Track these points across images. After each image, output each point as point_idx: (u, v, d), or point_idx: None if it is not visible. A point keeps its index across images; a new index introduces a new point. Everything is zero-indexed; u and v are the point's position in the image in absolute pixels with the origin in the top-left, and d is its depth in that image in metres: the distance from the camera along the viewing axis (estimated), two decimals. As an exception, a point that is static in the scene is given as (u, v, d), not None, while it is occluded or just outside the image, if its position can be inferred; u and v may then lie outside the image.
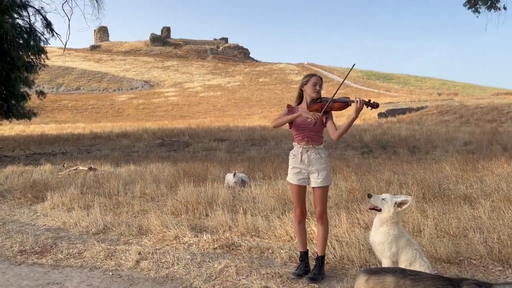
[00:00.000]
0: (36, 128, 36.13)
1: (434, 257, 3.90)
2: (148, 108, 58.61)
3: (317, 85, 3.66)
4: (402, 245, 3.31)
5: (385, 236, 3.31)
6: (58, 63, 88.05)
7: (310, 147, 3.64)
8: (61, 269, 4.01)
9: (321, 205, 3.64)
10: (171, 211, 5.82)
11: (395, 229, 3.33)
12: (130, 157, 17.17)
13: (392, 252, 3.29)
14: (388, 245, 3.30)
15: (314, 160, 3.62)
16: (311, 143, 3.64)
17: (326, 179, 3.61)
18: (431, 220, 4.70)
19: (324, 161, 3.63)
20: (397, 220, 3.33)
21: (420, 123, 28.02)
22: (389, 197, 3.32)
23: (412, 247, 3.31)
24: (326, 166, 3.63)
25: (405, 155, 14.93)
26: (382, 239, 3.32)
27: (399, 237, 3.32)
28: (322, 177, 3.60)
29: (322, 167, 3.61)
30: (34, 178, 8.88)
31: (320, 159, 3.62)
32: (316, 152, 3.63)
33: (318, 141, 3.65)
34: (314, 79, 3.69)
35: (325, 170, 3.61)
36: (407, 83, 77.06)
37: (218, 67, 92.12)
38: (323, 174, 3.60)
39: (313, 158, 3.63)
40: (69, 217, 5.58)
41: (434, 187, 6.56)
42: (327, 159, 3.66)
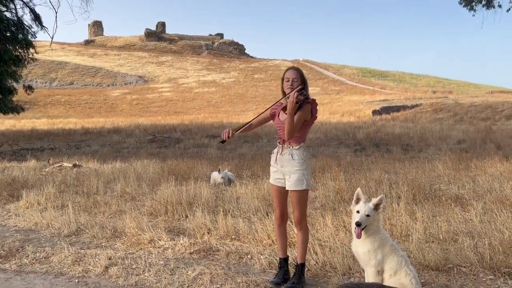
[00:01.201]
0: (27, 123, 35.65)
1: (421, 264, 3.68)
2: (142, 103, 58.14)
3: (290, 80, 3.34)
4: (387, 251, 3.08)
5: (371, 243, 3.08)
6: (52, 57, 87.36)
7: (285, 147, 3.39)
8: (25, 275, 3.74)
9: (298, 210, 3.38)
10: (149, 212, 5.56)
11: (379, 233, 3.11)
12: (119, 153, 16.87)
13: (378, 259, 3.06)
14: (373, 253, 3.06)
15: (286, 161, 3.37)
16: (286, 143, 3.39)
17: (298, 183, 3.33)
18: (420, 224, 4.47)
19: (297, 164, 3.33)
20: (378, 221, 3.12)
21: (414, 120, 27.87)
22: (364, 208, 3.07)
23: (397, 253, 3.08)
24: (299, 170, 3.33)
25: (398, 153, 14.74)
26: (368, 246, 3.07)
27: (384, 242, 3.09)
28: (293, 180, 3.33)
29: (294, 169, 3.34)
30: (14, 175, 8.58)
31: (292, 161, 3.34)
32: (289, 153, 3.36)
33: (294, 142, 3.36)
34: (287, 74, 3.38)
35: (296, 173, 3.33)
36: (402, 80, 77.02)
37: (213, 63, 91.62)
38: (294, 177, 3.33)
39: (285, 159, 3.38)
40: (41, 218, 5.30)
41: (425, 188, 6.33)
42: (302, 162, 3.34)
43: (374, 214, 3.06)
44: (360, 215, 3.05)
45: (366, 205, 3.08)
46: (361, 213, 3.06)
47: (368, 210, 3.06)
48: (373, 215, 3.06)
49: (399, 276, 3.02)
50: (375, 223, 3.08)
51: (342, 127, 24.14)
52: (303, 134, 3.40)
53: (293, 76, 3.35)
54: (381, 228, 3.16)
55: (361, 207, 3.10)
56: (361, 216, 3.04)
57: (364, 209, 3.06)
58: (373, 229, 3.08)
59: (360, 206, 3.11)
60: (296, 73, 3.38)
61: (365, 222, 3.04)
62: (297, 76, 3.35)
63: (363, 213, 3.05)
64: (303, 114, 3.28)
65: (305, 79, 3.40)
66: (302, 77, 3.37)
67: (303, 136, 3.41)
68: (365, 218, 3.03)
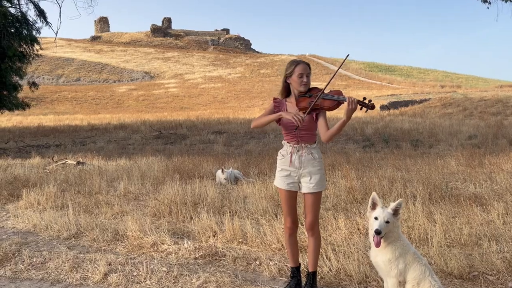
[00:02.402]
0: (34, 119, 35.63)
1: (444, 272, 3.41)
2: (148, 99, 58.04)
3: (303, 76, 3.03)
4: (409, 260, 2.82)
5: (391, 251, 2.81)
6: (59, 54, 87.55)
7: (302, 146, 3.10)
8: (19, 282, 3.52)
9: (312, 214, 3.12)
10: (152, 213, 5.32)
11: (400, 240, 2.85)
12: (124, 150, 16.70)
13: (400, 269, 2.79)
14: (395, 262, 2.79)
15: (306, 161, 3.08)
16: (303, 143, 3.11)
17: (320, 184, 3.08)
18: (439, 226, 4.19)
19: (318, 163, 3.09)
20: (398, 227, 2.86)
21: (423, 115, 27.42)
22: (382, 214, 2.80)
23: (420, 262, 2.81)
24: (320, 169, 3.09)
25: (408, 149, 14.42)
26: (389, 255, 2.81)
27: (406, 249, 2.83)
28: (315, 182, 3.06)
29: (316, 169, 3.07)
30: (16, 174, 8.39)
31: (313, 160, 3.08)
32: (309, 152, 3.08)
33: (311, 140, 3.10)
34: (299, 69, 3.03)
35: (318, 173, 3.07)
36: (410, 75, 76.23)
37: (219, 59, 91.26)
38: (316, 177, 3.06)
39: (305, 160, 3.08)
40: (41, 219, 5.08)
41: (440, 186, 6.04)
42: (321, 161, 3.12)
43: (394, 220, 2.81)
44: (379, 222, 2.79)
45: (384, 211, 2.82)
46: (380, 220, 2.79)
47: (387, 216, 2.79)
48: (392, 221, 2.80)
49: (422, 287, 2.76)
50: (395, 229, 2.82)
51: (350, 122, 23.63)
52: (316, 131, 3.14)
53: (307, 71, 3.07)
54: (401, 235, 2.90)
55: (379, 213, 2.83)
56: (380, 223, 2.78)
57: (383, 215, 2.80)
58: (393, 236, 2.82)
59: (378, 212, 2.84)
60: (308, 67, 3.10)
61: (385, 230, 2.78)
62: (309, 71, 3.08)
63: (382, 219, 2.79)
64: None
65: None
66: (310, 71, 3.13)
67: (316, 134, 3.15)
68: (385, 225, 2.77)
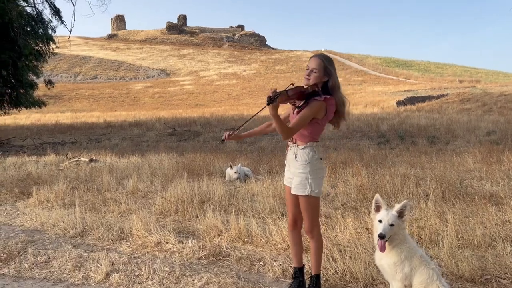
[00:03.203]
0: (52, 117, 36.05)
1: (454, 275, 3.27)
2: (164, 96, 58.36)
3: (308, 69, 2.93)
4: (416, 263, 2.70)
5: (397, 254, 2.70)
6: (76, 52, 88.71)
7: (292, 145, 3.02)
8: (22, 281, 3.51)
9: (307, 217, 2.99)
10: (159, 211, 5.29)
11: (406, 242, 2.73)
12: (138, 147, 16.79)
13: (405, 273, 2.68)
14: (400, 265, 2.68)
15: (291, 161, 3.01)
16: (293, 141, 3.01)
17: (300, 188, 2.92)
18: (451, 226, 4.04)
19: (301, 166, 2.91)
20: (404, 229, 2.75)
21: (440, 111, 26.90)
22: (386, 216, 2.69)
23: (427, 265, 2.69)
24: (301, 172, 2.91)
25: (424, 145, 14.16)
26: (394, 258, 2.70)
27: (412, 252, 2.71)
28: (295, 184, 2.95)
29: (297, 172, 2.94)
30: (29, 171, 8.47)
31: (295, 161, 2.95)
32: (294, 152, 2.97)
33: (300, 140, 2.94)
34: (310, 62, 2.96)
35: (299, 176, 2.92)
36: (428, 70, 74.94)
37: (234, 55, 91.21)
38: (296, 180, 2.94)
39: (290, 159, 3.02)
40: (48, 217, 5.09)
41: (455, 184, 5.86)
42: (305, 165, 2.90)
43: (399, 223, 2.69)
44: (383, 225, 2.68)
45: (388, 213, 2.70)
46: (384, 223, 2.68)
47: (391, 219, 2.68)
48: (397, 224, 2.68)
49: None
50: (400, 232, 2.71)
51: (365, 118, 23.48)
52: (312, 132, 2.93)
53: (313, 67, 2.90)
54: (407, 237, 2.78)
55: (383, 215, 2.72)
56: (384, 227, 2.66)
57: (387, 218, 2.69)
58: (399, 238, 2.71)
59: (382, 214, 2.73)
60: (319, 62, 2.89)
61: (389, 233, 2.66)
62: (319, 67, 2.88)
63: (386, 222, 2.68)
64: (308, 111, 2.84)
65: (329, 72, 2.89)
66: (325, 69, 2.88)
67: (312, 135, 2.93)
68: (389, 229, 2.66)
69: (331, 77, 2.90)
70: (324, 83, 2.91)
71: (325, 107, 2.87)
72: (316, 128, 2.94)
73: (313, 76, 2.89)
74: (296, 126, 2.84)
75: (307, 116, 2.85)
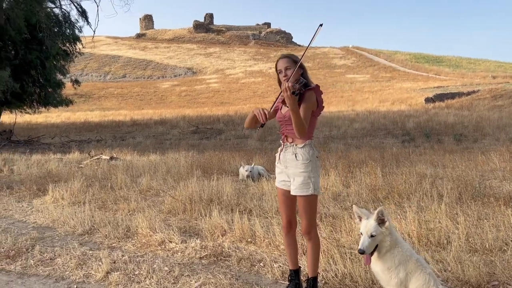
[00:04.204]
0: (81, 115, 37.00)
1: (460, 280, 3.12)
2: (190, 95, 58.96)
3: (282, 71, 2.88)
4: (411, 268, 2.58)
5: (390, 259, 2.59)
6: (106, 51, 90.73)
7: (288, 145, 2.94)
8: (26, 278, 3.58)
9: (305, 218, 2.92)
10: (168, 210, 5.31)
11: (398, 246, 2.60)
12: (161, 144, 17.01)
13: (400, 278, 2.57)
14: (395, 270, 2.57)
15: (289, 161, 2.92)
16: (290, 141, 2.94)
17: (303, 188, 2.85)
18: (462, 229, 3.87)
19: (302, 165, 2.85)
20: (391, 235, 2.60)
21: (470, 108, 26.07)
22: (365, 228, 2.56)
23: (423, 270, 2.57)
24: (303, 172, 2.85)
25: (450, 144, 13.76)
26: (388, 263, 2.59)
27: (407, 256, 2.59)
28: (297, 184, 2.87)
29: (298, 172, 2.87)
30: (50, 169, 8.69)
31: (295, 161, 2.87)
32: (293, 152, 2.90)
33: (299, 139, 2.89)
34: (278, 65, 2.92)
35: (301, 176, 2.86)
36: (459, 65, 72.81)
37: (260, 53, 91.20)
38: (298, 180, 2.86)
39: (289, 159, 2.92)
40: (60, 214, 5.19)
41: (473, 184, 5.63)
42: (307, 163, 2.85)
43: (381, 231, 2.56)
44: (362, 239, 2.55)
45: (368, 223, 2.58)
46: (363, 236, 2.56)
47: (371, 230, 2.55)
48: (379, 233, 2.56)
49: None
50: (386, 239, 2.58)
51: (391, 116, 23.02)
52: (309, 128, 2.87)
53: (285, 65, 2.87)
54: (399, 241, 2.65)
55: (363, 227, 2.59)
56: (363, 241, 2.54)
57: (366, 230, 2.56)
58: (388, 245, 2.58)
59: (362, 226, 2.61)
60: (287, 60, 2.89)
61: (371, 245, 2.55)
62: (289, 63, 2.87)
63: (366, 235, 2.55)
64: (309, 104, 2.79)
65: (302, 64, 2.89)
66: (296, 62, 2.87)
67: (309, 131, 2.88)
68: (369, 241, 2.54)
69: (303, 68, 2.91)
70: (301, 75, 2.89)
71: (316, 98, 2.84)
72: (313, 123, 2.90)
73: (289, 72, 2.85)
74: (306, 121, 2.75)
75: (310, 109, 2.81)
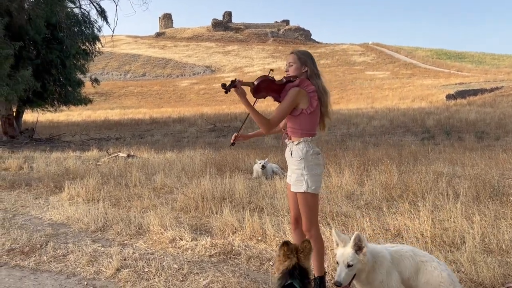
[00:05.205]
0: (102, 113, 37.55)
1: (473, 282, 3.04)
2: (209, 93, 59.19)
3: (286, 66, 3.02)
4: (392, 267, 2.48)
5: (379, 273, 2.44)
6: (126, 50, 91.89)
7: (288, 142, 2.96)
8: (39, 274, 3.64)
9: (304, 216, 2.90)
10: (180, 207, 5.32)
11: (377, 260, 2.45)
12: (179, 142, 17.11)
13: (396, 280, 2.46)
14: (386, 280, 2.44)
15: (287, 158, 2.98)
16: (287, 137, 2.97)
17: (297, 184, 2.85)
18: (477, 229, 3.76)
19: (296, 162, 2.85)
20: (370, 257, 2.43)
21: (493, 105, 25.42)
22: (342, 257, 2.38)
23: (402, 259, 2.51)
24: (297, 169, 2.85)
25: (471, 141, 13.46)
26: (379, 277, 2.45)
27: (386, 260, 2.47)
28: (293, 181, 2.90)
29: (293, 168, 2.90)
30: (68, 166, 8.84)
31: (291, 158, 2.90)
32: (290, 149, 2.93)
33: (294, 135, 2.90)
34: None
35: (295, 173, 2.87)
36: (482, 61, 71.11)
37: (279, 50, 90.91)
38: (293, 177, 2.89)
39: (287, 156, 2.99)
40: (75, 212, 5.26)
41: (491, 184, 5.47)
42: (300, 160, 2.83)
43: (359, 259, 2.37)
44: (339, 269, 2.37)
45: (344, 252, 2.38)
46: (340, 266, 2.37)
47: (348, 259, 2.36)
48: (357, 261, 2.37)
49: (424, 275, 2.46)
50: (367, 264, 2.40)
51: (411, 113, 22.64)
52: (302, 126, 2.86)
53: (290, 61, 2.97)
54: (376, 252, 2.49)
55: (339, 255, 2.40)
56: (339, 272, 2.36)
57: (343, 259, 2.37)
58: (368, 268, 2.42)
59: (338, 254, 2.41)
60: (293, 56, 2.96)
61: (349, 276, 2.36)
62: (293, 59, 2.94)
63: (343, 264, 2.37)
64: (287, 100, 2.82)
65: (304, 61, 2.92)
66: (300, 59, 2.92)
67: (303, 128, 2.86)
68: (346, 272, 2.35)
69: (307, 65, 2.92)
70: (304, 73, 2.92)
71: (306, 94, 2.82)
72: (306, 121, 2.86)
73: (291, 69, 2.94)
74: (274, 118, 2.83)
75: (286, 106, 2.82)
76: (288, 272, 2.18)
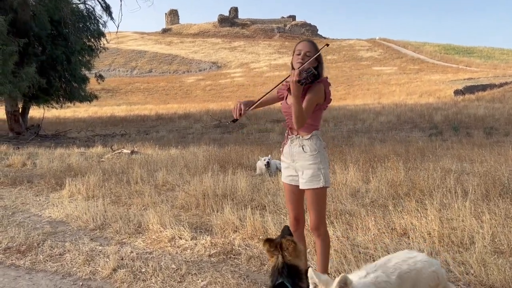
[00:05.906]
0: (108, 110, 37.57)
1: (483, 284, 2.90)
2: (215, 89, 59.12)
3: (300, 53, 2.75)
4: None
5: None
6: (132, 47, 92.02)
7: (294, 137, 2.80)
8: (34, 274, 3.55)
9: (314, 213, 2.77)
10: (181, 205, 5.22)
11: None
12: (183, 139, 17.03)
13: None
14: None
15: (297, 154, 2.78)
16: (295, 133, 2.80)
17: (312, 181, 2.71)
18: (487, 229, 3.62)
19: (310, 157, 2.72)
20: None
21: (502, 100, 25.06)
22: None
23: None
24: (313, 164, 2.71)
25: (479, 137, 13.22)
26: None
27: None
28: (307, 177, 2.73)
29: (307, 164, 2.73)
30: (70, 163, 8.77)
31: (303, 153, 2.74)
32: (300, 144, 2.76)
33: (304, 130, 2.75)
34: (299, 46, 2.80)
35: (310, 168, 2.72)
36: (491, 56, 70.24)
37: (285, 46, 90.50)
38: (307, 173, 2.72)
39: (296, 152, 2.78)
40: (74, 209, 5.17)
41: (501, 181, 5.31)
42: (316, 154, 2.72)
43: None
44: None
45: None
46: None
47: None
48: None
49: None
50: None
51: (419, 109, 22.38)
52: (314, 120, 2.77)
53: (306, 49, 2.75)
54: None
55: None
56: None
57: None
58: None
59: None
60: (310, 45, 2.77)
61: None
62: (311, 49, 2.75)
63: None
64: (314, 96, 2.66)
65: (320, 58, 2.77)
66: (317, 51, 2.76)
67: (315, 123, 2.77)
68: None
69: (320, 62, 2.79)
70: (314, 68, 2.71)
71: (324, 90, 2.72)
72: (318, 115, 2.79)
73: (307, 59, 2.73)
74: (307, 113, 2.63)
75: (314, 101, 2.69)
76: (277, 270, 2.09)
